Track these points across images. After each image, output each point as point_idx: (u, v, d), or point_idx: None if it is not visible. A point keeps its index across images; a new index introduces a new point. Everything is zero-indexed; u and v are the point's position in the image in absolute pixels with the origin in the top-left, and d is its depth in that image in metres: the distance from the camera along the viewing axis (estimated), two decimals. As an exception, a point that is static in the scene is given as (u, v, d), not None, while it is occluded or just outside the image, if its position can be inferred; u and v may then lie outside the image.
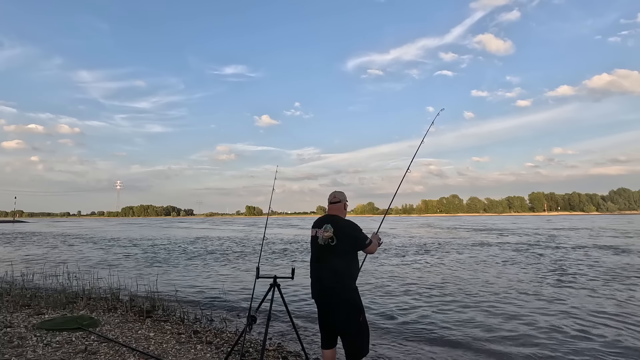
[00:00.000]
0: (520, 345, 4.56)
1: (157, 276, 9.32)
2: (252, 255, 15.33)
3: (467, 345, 4.57)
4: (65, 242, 23.99)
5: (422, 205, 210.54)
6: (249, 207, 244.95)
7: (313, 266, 3.03)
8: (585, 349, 4.42)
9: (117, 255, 15.69)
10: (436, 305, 6.58)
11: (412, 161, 3.92)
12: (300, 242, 21.73)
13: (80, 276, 8.56)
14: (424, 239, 23.82)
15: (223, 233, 33.58)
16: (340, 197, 3.10)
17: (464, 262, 12.26)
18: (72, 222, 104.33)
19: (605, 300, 6.78)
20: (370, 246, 2.96)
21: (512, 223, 53.07)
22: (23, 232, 37.43)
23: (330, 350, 3.01)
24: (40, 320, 4.86)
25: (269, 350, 4.11)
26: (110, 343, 4.04)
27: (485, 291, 7.67)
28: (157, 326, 4.85)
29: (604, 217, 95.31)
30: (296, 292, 7.39)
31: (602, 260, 12.28)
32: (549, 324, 5.39)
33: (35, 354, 3.68)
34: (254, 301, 3.52)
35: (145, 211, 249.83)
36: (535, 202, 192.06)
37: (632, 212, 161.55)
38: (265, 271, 10.05)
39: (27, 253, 16.90)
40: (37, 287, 7.62)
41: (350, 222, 2.97)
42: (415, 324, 5.44)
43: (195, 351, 3.92)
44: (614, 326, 5.26)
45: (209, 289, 8.26)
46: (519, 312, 6.02)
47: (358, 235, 2.92)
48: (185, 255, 15.46)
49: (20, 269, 10.44)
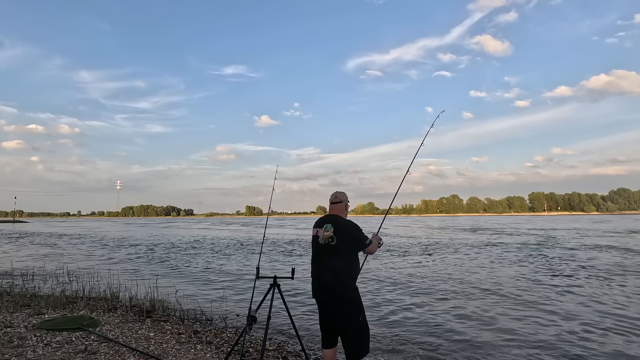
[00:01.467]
0: (522, 347, 4.56)
1: (157, 276, 9.32)
2: (252, 255, 15.33)
3: (469, 348, 4.57)
4: (65, 242, 23.98)
5: (422, 205, 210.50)
6: (249, 207, 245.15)
7: (313, 265, 3.04)
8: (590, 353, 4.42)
9: (117, 255, 15.68)
10: (436, 306, 6.58)
11: (412, 162, 3.92)
12: (301, 242, 21.73)
13: (80, 276, 8.57)
14: (424, 239, 23.82)
15: (222, 233, 33.57)
16: (341, 198, 3.11)
17: (466, 263, 12.26)
18: (72, 222, 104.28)
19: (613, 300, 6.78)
20: (370, 246, 2.97)
21: (515, 223, 53.05)
22: (23, 232, 37.42)
23: (330, 350, 3.01)
24: (40, 320, 4.86)
25: (269, 350, 4.11)
26: (110, 343, 4.04)
27: (487, 291, 7.67)
28: (157, 326, 4.85)
29: (604, 217, 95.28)
30: (296, 292, 7.39)
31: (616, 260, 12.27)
32: (554, 326, 5.39)
33: (35, 354, 3.68)
34: (254, 301, 3.52)
35: (145, 211, 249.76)
36: (535, 202, 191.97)
37: (632, 212, 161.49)
38: (265, 271, 10.05)
39: (27, 253, 16.90)
40: (37, 287, 7.62)
41: (351, 222, 2.97)
42: (416, 325, 5.44)
43: (195, 351, 3.92)
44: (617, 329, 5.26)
45: (209, 289, 8.26)
46: (521, 315, 6.02)
47: (358, 235, 2.93)
48: (185, 255, 15.45)
49: (20, 269, 10.44)
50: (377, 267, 11.18)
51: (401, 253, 15.23)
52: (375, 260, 12.40)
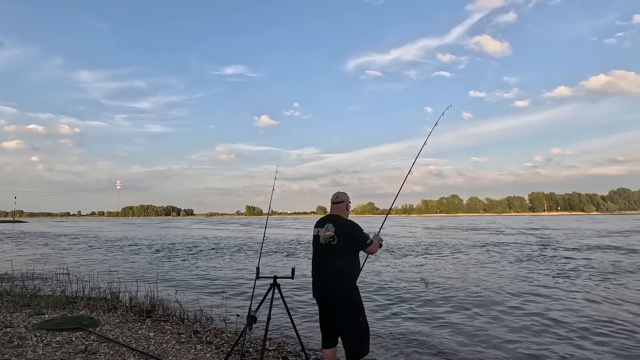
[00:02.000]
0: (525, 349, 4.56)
1: (157, 276, 9.32)
2: (252, 255, 15.32)
3: (472, 347, 4.57)
4: (65, 242, 23.98)
5: (422, 205, 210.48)
6: (249, 207, 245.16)
7: (314, 265, 3.04)
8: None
9: (117, 255, 15.68)
10: (439, 304, 6.58)
11: (415, 162, 3.90)
12: (301, 242, 21.73)
13: (80, 276, 8.56)
14: (424, 239, 23.81)
15: (222, 233, 33.57)
16: (342, 198, 3.10)
17: (467, 263, 12.26)
18: (72, 222, 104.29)
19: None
20: (370, 246, 2.96)
21: (515, 223, 53.04)
22: (23, 232, 37.42)
23: (330, 349, 3.01)
24: (40, 320, 4.86)
25: (269, 350, 4.11)
26: (110, 343, 4.04)
27: (488, 291, 7.67)
28: (157, 326, 4.85)
29: (604, 217, 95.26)
30: (296, 292, 7.39)
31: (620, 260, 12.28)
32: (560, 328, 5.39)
33: (35, 354, 3.67)
34: (254, 301, 3.52)
35: (145, 211, 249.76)
36: (535, 202, 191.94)
37: (632, 212, 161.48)
38: (265, 271, 10.04)
39: (27, 253, 16.90)
40: (37, 287, 7.61)
41: (351, 222, 2.97)
42: (416, 325, 5.44)
43: (195, 351, 3.92)
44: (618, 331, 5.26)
45: (209, 288, 8.26)
46: (523, 315, 6.01)
47: (359, 235, 2.92)
48: (185, 255, 15.45)
49: (20, 269, 10.43)
50: (378, 267, 11.18)
51: (402, 254, 15.23)
52: (376, 261, 12.39)
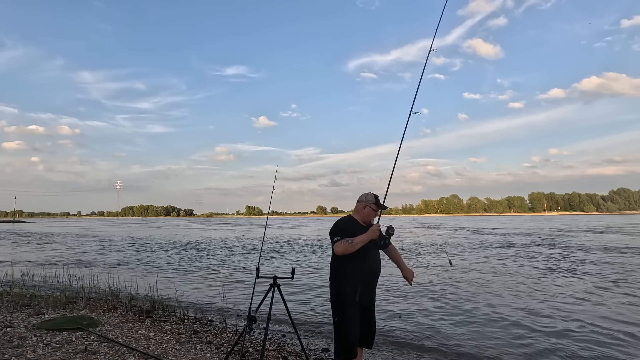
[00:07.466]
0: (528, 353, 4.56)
1: (157, 276, 9.31)
2: (252, 255, 15.32)
3: (475, 345, 4.57)
4: (65, 242, 23.98)
5: (422, 205, 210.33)
6: (249, 207, 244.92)
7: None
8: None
9: (117, 255, 15.68)
10: (441, 303, 6.58)
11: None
12: (301, 242, 21.73)
13: (80, 276, 8.56)
14: (425, 238, 23.80)
15: (222, 233, 33.56)
16: (360, 199, 3.08)
17: (469, 263, 12.25)
18: (72, 222, 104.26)
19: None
20: (335, 244, 2.83)
21: (515, 223, 53.04)
22: (23, 232, 37.42)
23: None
24: (40, 320, 4.86)
25: (269, 350, 4.11)
26: (110, 343, 4.04)
27: (490, 290, 7.67)
28: (157, 326, 4.85)
29: (604, 217, 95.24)
30: (296, 292, 7.39)
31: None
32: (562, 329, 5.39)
33: (35, 354, 3.68)
34: (254, 301, 3.52)
35: (145, 211, 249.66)
36: (535, 202, 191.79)
37: (632, 212, 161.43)
38: (265, 271, 10.04)
39: (27, 253, 16.90)
40: (37, 287, 7.61)
41: (338, 220, 2.99)
42: (417, 325, 5.44)
43: (195, 351, 3.92)
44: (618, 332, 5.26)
45: (209, 289, 8.26)
46: (525, 316, 6.01)
47: (331, 232, 2.91)
48: (185, 255, 15.44)
49: (20, 269, 10.43)
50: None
51: (412, 254, 15.21)
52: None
